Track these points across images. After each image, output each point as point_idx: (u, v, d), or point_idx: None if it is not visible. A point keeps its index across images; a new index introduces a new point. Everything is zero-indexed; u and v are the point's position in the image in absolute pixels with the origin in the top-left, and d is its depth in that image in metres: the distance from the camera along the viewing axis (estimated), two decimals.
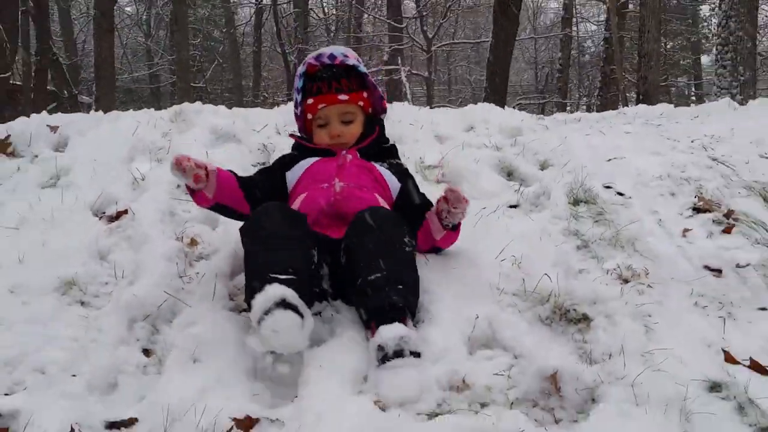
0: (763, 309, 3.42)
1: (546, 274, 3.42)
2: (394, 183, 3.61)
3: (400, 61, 26.07)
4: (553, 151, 4.97)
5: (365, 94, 3.72)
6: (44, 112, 5.73)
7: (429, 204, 3.52)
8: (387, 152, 3.78)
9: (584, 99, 36.03)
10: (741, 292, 3.52)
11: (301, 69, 3.70)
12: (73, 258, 3.66)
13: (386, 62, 26.86)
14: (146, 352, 3.16)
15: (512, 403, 2.84)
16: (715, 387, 2.83)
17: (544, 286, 3.37)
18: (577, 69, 35.86)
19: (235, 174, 3.53)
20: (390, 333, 2.84)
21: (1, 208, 4.15)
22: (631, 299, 3.29)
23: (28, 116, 5.57)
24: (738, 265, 3.71)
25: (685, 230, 4.08)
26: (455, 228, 3.37)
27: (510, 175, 4.73)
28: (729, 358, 3.00)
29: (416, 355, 2.86)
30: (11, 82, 17.54)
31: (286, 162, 3.70)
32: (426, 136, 5.28)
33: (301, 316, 2.80)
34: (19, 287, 3.44)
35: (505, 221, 3.99)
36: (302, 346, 2.89)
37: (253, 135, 5.33)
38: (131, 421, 2.71)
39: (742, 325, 3.30)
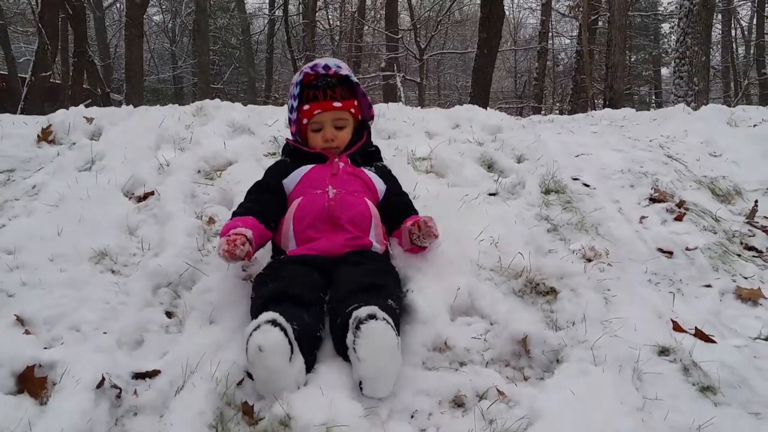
0: (708, 286, 3.46)
1: (520, 252, 3.45)
2: (380, 185, 3.54)
3: (395, 68, 26.01)
4: (529, 147, 4.99)
5: (356, 102, 3.62)
6: (81, 106, 5.73)
7: (408, 206, 3.55)
8: (372, 156, 3.74)
9: (557, 104, 35.92)
10: (689, 272, 3.56)
11: (297, 78, 3.57)
12: (105, 232, 3.68)
13: (383, 69, 26.83)
14: (168, 314, 3.19)
15: (487, 362, 2.88)
16: (664, 351, 2.86)
17: (518, 262, 3.41)
18: (552, 78, 35.73)
19: (256, 214, 3.26)
20: (365, 309, 2.59)
21: (44, 188, 4.18)
22: (594, 275, 3.33)
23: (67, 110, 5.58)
24: (687, 248, 3.75)
25: (642, 217, 4.12)
26: (422, 247, 3.29)
27: (490, 167, 4.75)
28: (677, 327, 3.04)
29: (394, 328, 2.61)
30: (51, 80, 17.53)
31: (282, 171, 3.53)
32: (417, 132, 5.29)
33: (290, 343, 2.52)
34: (58, 256, 3.46)
35: (485, 207, 4.02)
36: (289, 383, 2.54)
37: (265, 128, 5.34)
38: (155, 372, 2.74)
39: (689, 300, 3.34)
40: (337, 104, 3.51)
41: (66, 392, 2.53)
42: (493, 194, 4.27)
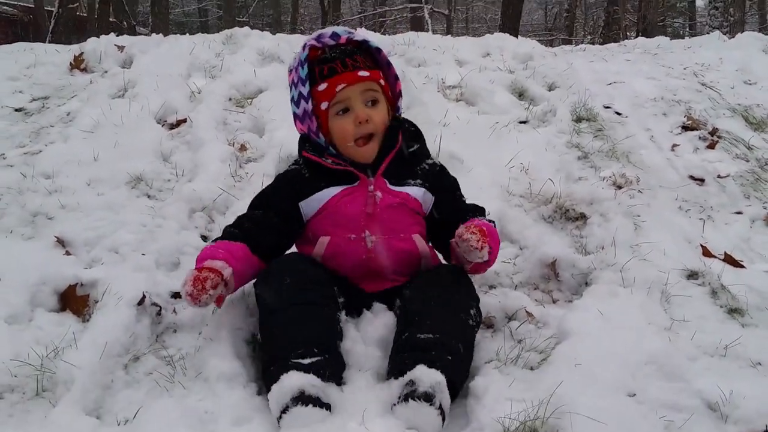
0: (739, 213, 3.46)
1: (550, 179, 3.48)
2: (427, 200, 2.69)
3: (423, 0, 25.63)
4: (560, 75, 4.96)
5: (382, 74, 2.66)
6: (112, 34, 5.76)
7: (461, 214, 2.65)
8: (416, 156, 2.73)
9: (589, 37, 35.29)
10: (720, 199, 3.57)
11: (301, 55, 2.58)
12: (140, 158, 3.75)
13: (411, 0, 26.41)
14: (204, 237, 3.26)
15: (516, 285, 2.94)
16: (692, 275, 2.90)
17: (548, 189, 3.44)
18: (583, 9, 35.00)
19: (251, 242, 2.56)
20: (428, 375, 2.09)
21: (78, 115, 4.24)
22: (624, 201, 3.35)
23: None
24: (719, 176, 3.76)
25: (674, 145, 4.11)
26: (483, 263, 2.51)
27: (521, 95, 4.73)
28: (706, 253, 3.06)
29: (442, 415, 2.07)
30: (78, 13, 17.50)
31: (297, 187, 2.65)
32: (447, 60, 5.26)
33: (327, 407, 2.09)
34: (95, 181, 3.53)
35: (515, 134, 4.03)
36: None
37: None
38: None
39: (719, 226, 3.36)
40: (364, 73, 2.56)
41: (108, 309, 2.62)
42: (524, 122, 4.27)
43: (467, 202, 2.79)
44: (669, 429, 2.06)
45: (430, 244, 2.71)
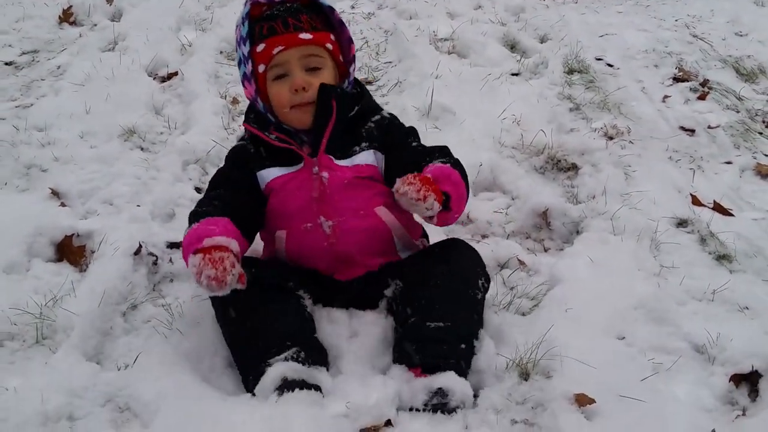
0: (728, 163, 3.49)
1: (542, 130, 3.49)
2: (380, 160, 2.40)
3: None
4: (552, 27, 4.94)
5: (332, 36, 2.38)
6: None
7: (416, 161, 2.28)
8: (359, 118, 2.42)
9: None
10: (710, 149, 3.59)
11: (243, 10, 2.35)
12: (132, 110, 3.73)
13: None
14: (197, 189, 3.27)
15: (509, 235, 2.97)
16: (682, 223, 2.93)
17: (540, 140, 3.46)
18: None
19: (230, 217, 2.24)
20: (461, 387, 1.99)
21: (69, 68, 4.22)
22: (615, 152, 3.37)
23: None
24: (709, 126, 3.77)
25: (665, 96, 4.12)
26: (446, 207, 2.14)
27: (513, 47, 4.71)
28: (695, 201, 3.09)
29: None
30: None
31: (246, 162, 2.41)
32: (439, 12, 5.21)
33: (316, 388, 1.99)
34: (88, 133, 3.53)
35: (507, 86, 4.02)
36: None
37: None
38: None
39: (709, 176, 3.38)
40: (305, 35, 2.29)
41: (104, 259, 2.65)
42: (516, 74, 4.26)
43: (426, 146, 2.42)
44: (657, 371, 2.11)
45: (404, 212, 2.31)
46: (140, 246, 2.69)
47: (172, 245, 2.82)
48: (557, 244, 2.92)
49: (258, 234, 2.47)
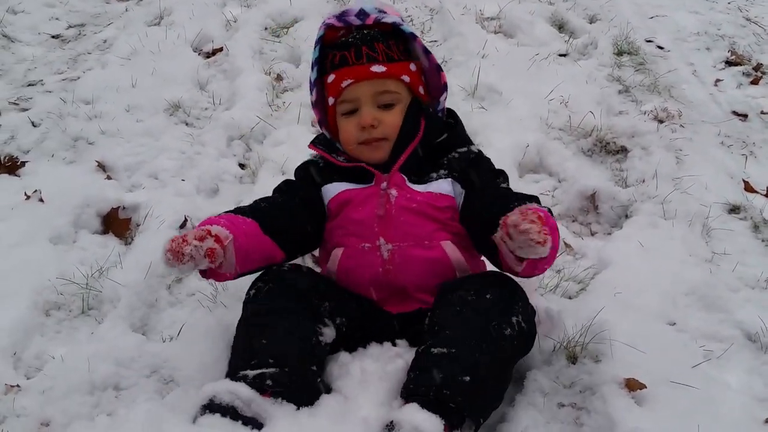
0: None
1: (590, 112, 3.43)
2: (457, 193, 2.15)
3: None
4: (602, 7, 4.83)
5: (412, 66, 2.17)
6: None
7: (505, 202, 1.94)
8: (444, 146, 2.21)
9: None
10: (763, 135, 3.52)
11: (318, 33, 2.19)
12: (178, 85, 3.74)
13: None
14: (241, 165, 3.28)
15: (555, 217, 2.92)
16: (734, 209, 2.87)
17: (588, 122, 3.40)
18: None
19: (259, 217, 2.07)
20: (412, 419, 1.70)
21: (115, 42, 4.25)
22: (666, 135, 3.30)
23: None
24: (762, 112, 3.71)
25: (717, 80, 4.05)
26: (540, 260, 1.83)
27: (561, 27, 4.62)
28: (748, 188, 3.04)
29: None
30: None
31: (313, 175, 2.24)
32: None
33: (247, 421, 1.74)
34: (134, 107, 3.55)
35: (554, 67, 3.95)
36: None
37: None
38: None
39: (762, 162, 3.32)
40: (378, 68, 2.10)
41: (150, 232, 2.67)
42: (564, 55, 4.19)
43: (515, 191, 2.12)
44: (709, 358, 2.07)
45: (473, 253, 2.16)
46: (185, 220, 2.71)
47: None
48: (605, 228, 2.88)
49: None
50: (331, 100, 2.18)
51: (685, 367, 1.98)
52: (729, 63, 4.23)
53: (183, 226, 2.68)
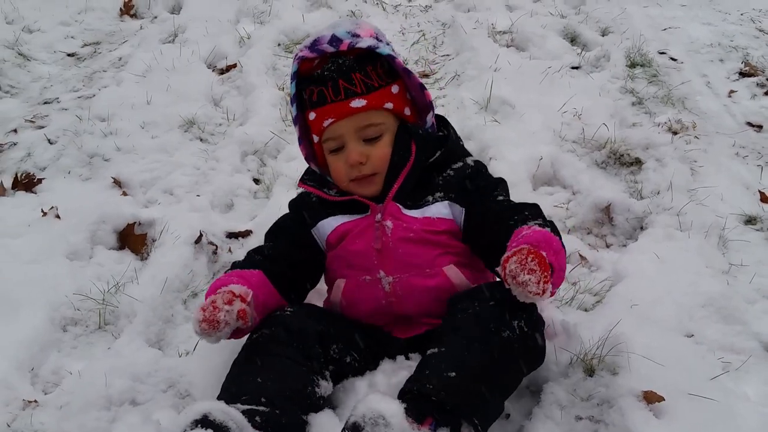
0: None
1: (604, 124, 3.42)
2: (456, 214, 2.09)
3: None
4: (614, 20, 4.85)
5: (395, 89, 2.07)
6: None
7: (508, 215, 1.97)
8: (438, 165, 2.13)
9: None
10: None
11: (292, 67, 2.08)
12: (192, 101, 3.78)
13: None
14: (256, 181, 3.30)
15: (569, 230, 2.92)
16: (750, 220, 2.86)
17: (602, 134, 3.39)
18: None
19: (264, 269, 2.06)
20: (372, 405, 1.67)
21: (130, 60, 4.29)
22: (680, 146, 3.29)
23: None
24: None
25: (731, 91, 4.03)
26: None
27: (573, 40, 4.64)
28: (764, 198, 3.01)
29: None
30: None
31: (304, 216, 2.19)
32: (497, 4, 5.14)
33: None
34: (149, 124, 3.58)
35: (567, 79, 3.96)
36: None
37: (342, 3, 5.28)
38: (247, 232, 2.87)
39: None
40: (358, 103, 2.00)
41: (166, 247, 2.69)
42: (576, 67, 4.20)
43: (515, 202, 2.08)
44: (727, 369, 2.05)
45: (478, 268, 2.12)
46: (201, 235, 2.72)
47: (232, 235, 2.85)
48: (620, 240, 2.86)
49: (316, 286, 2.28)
50: (315, 138, 2.09)
51: (704, 379, 1.96)
52: (743, 74, 4.22)
53: (198, 241, 2.69)
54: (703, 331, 2.21)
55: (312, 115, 2.04)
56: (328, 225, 2.12)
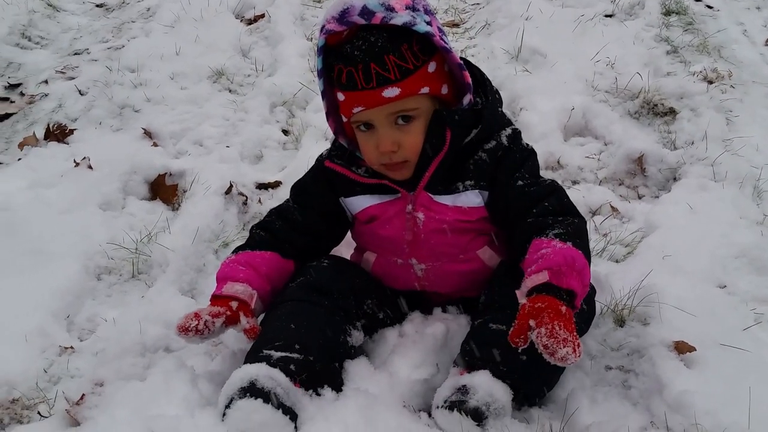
0: None
1: (638, 73, 3.37)
2: (486, 199, 1.97)
3: None
4: None
5: (431, 67, 1.84)
6: None
7: (531, 216, 1.85)
8: (473, 145, 1.95)
9: None
10: None
11: (319, 40, 1.84)
12: (221, 52, 3.78)
13: None
14: (285, 132, 3.30)
15: (601, 181, 2.90)
16: None
17: (635, 83, 3.34)
18: None
19: (278, 246, 2.04)
20: (487, 386, 1.71)
21: (158, 10, 4.29)
22: (715, 96, 3.22)
23: None
24: None
25: None
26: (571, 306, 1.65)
27: None
28: None
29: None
30: None
31: (334, 184, 2.05)
32: None
33: (286, 410, 1.68)
34: (178, 75, 3.58)
35: (600, 28, 3.89)
36: None
37: None
38: (276, 183, 2.88)
39: None
40: (391, 92, 1.79)
41: (196, 198, 2.70)
42: (610, 15, 4.11)
43: (537, 184, 1.92)
44: (759, 321, 2.03)
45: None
46: (231, 185, 2.73)
47: (261, 186, 2.87)
48: (652, 191, 2.83)
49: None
50: (344, 118, 1.91)
51: (736, 330, 1.95)
52: None
53: (228, 192, 2.70)
54: (736, 282, 2.19)
55: (341, 96, 1.84)
56: (358, 203, 2.03)
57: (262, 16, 4.21)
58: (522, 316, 1.57)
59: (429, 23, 1.81)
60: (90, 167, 2.85)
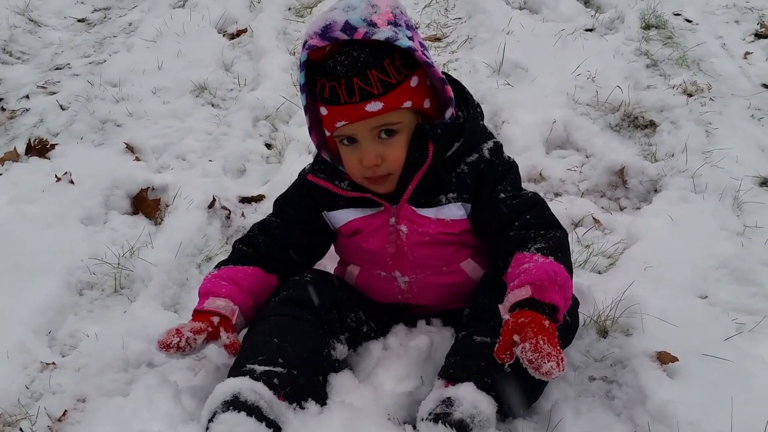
0: None
1: (618, 86, 3.40)
2: (469, 212, 1.99)
3: None
4: None
5: (413, 82, 1.84)
6: None
7: (508, 222, 1.89)
8: (455, 158, 1.97)
9: None
10: None
11: (302, 55, 1.85)
12: (203, 67, 3.79)
13: None
14: (268, 146, 3.30)
15: (583, 193, 2.92)
16: (765, 182, 2.84)
17: (616, 97, 3.37)
18: None
19: (260, 261, 2.06)
20: (472, 398, 1.71)
21: (140, 25, 4.30)
22: (695, 108, 3.26)
23: None
24: None
25: (747, 53, 3.98)
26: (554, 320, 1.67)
27: (587, 2, 4.56)
28: None
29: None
30: None
31: (317, 198, 2.06)
32: None
33: (269, 423, 1.68)
34: (160, 89, 3.58)
35: (581, 42, 3.92)
36: None
37: None
38: (259, 197, 2.87)
39: None
40: (374, 106, 1.79)
41: (179, 212, 2.70)
42: (590, 30, 4.15)
43: (519, 197, 1.93)
44: (740, 331, 2.05)
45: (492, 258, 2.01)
46: (214, 200, 2.73)
47: (244, 200, 2.86)
48: (633, 203, 2.85)
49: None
50: (327, 132, 1.92)
51: (717, 340, 1.97)
52: (758, 35, 4.16)
53: (211, 206, 2.70)
54: (717, 292, 2.21)
55: (324, 111, 1.84)
56: (341, 217, 2.05)
57: (245, 30, 4.22)
58: (506, 332, 1.58)
59: (411, 38, 1.82)
60: (71, 182, 2.84)
